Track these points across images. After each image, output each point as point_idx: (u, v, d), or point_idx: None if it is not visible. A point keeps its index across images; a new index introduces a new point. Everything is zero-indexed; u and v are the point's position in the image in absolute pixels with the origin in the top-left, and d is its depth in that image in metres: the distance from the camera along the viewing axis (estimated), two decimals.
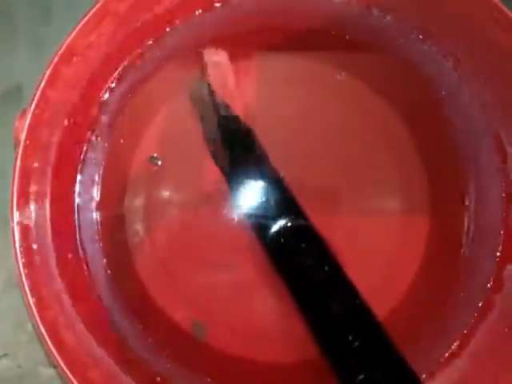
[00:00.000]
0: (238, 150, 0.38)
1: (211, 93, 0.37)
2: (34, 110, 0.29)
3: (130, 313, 0.36)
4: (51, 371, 0.45)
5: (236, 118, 0.38)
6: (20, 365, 0.45)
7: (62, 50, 0.29)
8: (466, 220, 0.37)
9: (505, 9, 0.29)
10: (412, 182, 0.38)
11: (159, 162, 0.36)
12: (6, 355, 0.45)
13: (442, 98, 0.38)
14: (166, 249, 0.37)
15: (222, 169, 0.37)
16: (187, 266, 0.37)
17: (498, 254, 0.36)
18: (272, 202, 0.36)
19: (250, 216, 0.36)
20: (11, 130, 0.45)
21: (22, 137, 0.28)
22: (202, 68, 0.38)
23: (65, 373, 0.28)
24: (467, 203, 0.37)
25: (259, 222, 0.36)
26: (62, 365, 0.28)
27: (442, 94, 0.38)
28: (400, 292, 0.36)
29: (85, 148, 0.36)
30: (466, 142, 0.37)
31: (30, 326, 0.45)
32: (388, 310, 0.36)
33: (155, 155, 0.37)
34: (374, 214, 0.38)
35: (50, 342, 0.28)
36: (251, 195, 0.37)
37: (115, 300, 0.36)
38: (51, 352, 0.28)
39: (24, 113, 0.30)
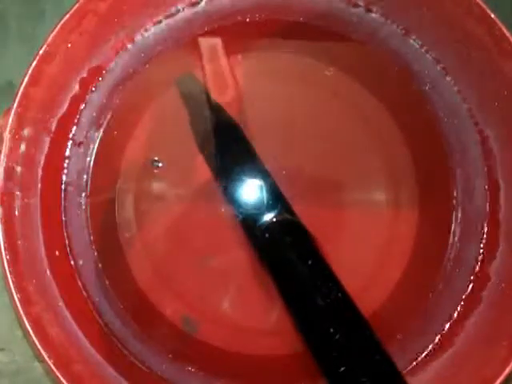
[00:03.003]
0: (225, 145, 0.38)
1: (197, 85, 0.38)
2: (17, 108, 0.29)
3: (120, 308, 0.36)
4: (45, 366, 0.46)
5: (222, 112, 0.38)
6: (15, 360, 0.46)
7: (43, 48, 0.29)
8: (453, 213, 0.37)
9: (482, 4, 0.30)
10: (400, 175, 0.38)
11: (160, 164, 0.37)
12: (1, 350, 0.46)
13: (426, 90, 0.38)
14: (156, 245, 0.37)
15: (210, 164, 0.37)
16: (178, 261, 0.37)
17: (483, 246, 0.36)
18: (259, 197, 0.36)
19: (238, 211, 0.36)
20: None
21: (6, 134, 0.29)
22: (193, 60, 0.38)
23: (49, 366, 0.28)
24: (454, 195, 0.37)
25: (247, 217, 0.36)
26: (46, 358, 0.28)
27: (427, 87, 0.38)
28: (388, 286, 0.37)
29: (70, 145, 0.36)
30: (451, 134, 0.38)
31: None
32: (377, 303, 0.36)
33: (156, 158, 0.37)
34: (362, 208, 0.38)
35: (34, 337, 0.28)
36: (239, 191, 0.37)
37: (105, 295, 0.36)
38: (35, 346, 0.29)
39: (8, 111, 0.30)
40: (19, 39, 0.49)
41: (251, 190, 0.37)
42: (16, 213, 0.30)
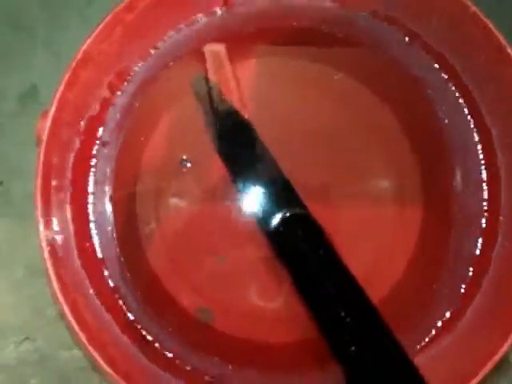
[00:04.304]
0: (239, 144, 0.40)
1: (210, 87, 0.40)
2: (54, 111, 0.32)
3: (141, 298, 0.39)
4: (69, 354, 0.48)
5: (235, 113, 0.40)
6: (39, 348, 0.48)
7: (79, 56, 0.32)
8: (455, 207, 0.39)
9: (481, 15, 0.32)
10: (405, 173, 0.40)
11: (188, 165, 0.39)
12: (26, 339, 0.48)
13: (429, 93, 0.40)
14: (174, 239, 0.40)
15: (226, 163, 0.40)
16: (194, 255, 0.40)
17: (482, 237, 0.38)
18: (273, 194, 0.39)
19: (252, 207, 0.39)
20: (30, 128, 0.48)
21: (44, 136, 0.31)
22: (204, 65, 0.40)
23: (86, 347, 0.31)
24: (456, 191, 0.40)
25: (261, 213, 0.39)
26: (84, 340, 0.31)
27: (429, 90, 0.40)
28: (393, 277, 0.39)
29: (97, 145, 0.38)
30: (453, 133, 0.40)
31: (48, 312, 0.48)
32: (382, 292, 0.39)
33: (185, 157, 0.39)
34: (368, 202, 0.40)
35: (72, 320, 0.31)
36: (254, 188, 0.39)
37: (127, 286, 0.39)
38: (73, 329, 0.31)
39: (45, 114, 0.33)
40: (43, 46, 0.51)
41: (265, 187, 0.39)
42: (53, 208, 0.33)
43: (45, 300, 0.48)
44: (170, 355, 0.37)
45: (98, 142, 0.38)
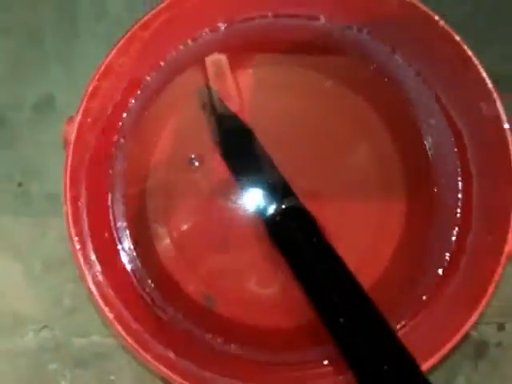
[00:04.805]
0: (239, 146, 0.44)
1: (211, 95, 0.43)
2: (81, 117, 0.36)
3: (151, 286, 0.43)
4: (84, 341, 0.52)
5: (235, 118, 0.44)
6: (56, 335, 0.52)
7: (102, 68, 0.36)
8: (435, 199, 0.44)
9: (448, 28, 0.37)
10: (389, 169, 0.45)
11: (196, 163, 0.43)
12: (45, 327, 0.52)
13: (410, 98, 0.45)
14: (181, 232, 0.44)
15: (227, 163, 0.44)
16: (200, 247, 0.44)
17: (459, 227, 0.43)
18: (270, 190, 0.43)
19: (253, 202, 0.43)
20: (47, 134, 0.53)
21: (72, 138, 0.36)
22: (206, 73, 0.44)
23: (111, 322, 0.35)
24: (436, 185, 0.44)
25: (260, 206, 0.43)
26: (108, 314, 0.35)
27: (410, 95, 0.45)
28: (381, 262, 0.43)
29: (113, 148, 0.43)
30: (432, 133, 0.44)
31: (65, 302, 0.52)
32: (372, 277, 0.43)
33: (193, 156, 0.43)
34: (356, 195, 0.44)
35: (98, 297, 0.35)
36: (254, 185, 0.43)
37: (140, 275, 0.43)
38: (99, 305, 0.35)
39: (71, 119, 0.37)
40: (56, 56, 0.55)
41: (264, 184, 0.43)
42: (80, 201, 0.38)
43: (61, 292, 0.52)
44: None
45: (113, 144, 0.43)
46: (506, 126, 0.38)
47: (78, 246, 0.35)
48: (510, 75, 0.54)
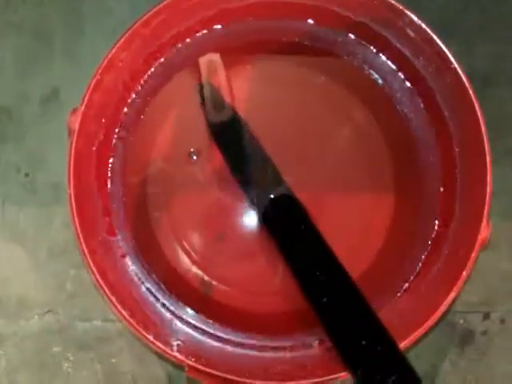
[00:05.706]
0: (232, 137, 0.46)
1: (205, 90, 0.45)
2: (84, 108, 0.39)
3: (151, 273, 0.45)
4: (87, 324, 0.54)
5: (228, 111, 0.45)
6: (60, 319, 0.54)
7: (104, 63, 0.39)
8: (421, 193, 0.46)
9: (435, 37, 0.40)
10: (379, 165, 0.47)
11: (194, 157, 0.45)
12: (49, 311, 0.54)
13: (396, 94, 0.47)
14: (180, 222, 0.45)
15: (222, 153, 0.45)
16: (197, 236, 0.45)
17: (438, 217, 0.45)
18: (262, 179, 0.45)
19: (247, 191, 0.45)
20: (53, 127, 0.55)
21: (76, 127, 0.38)
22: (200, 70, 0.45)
23: (110, 300, 0.38)
24: (422, 179, 0.46)
25: (254, 195, 0.45)
26: (108, 292, 0.37)
27: (397, 92, 0.47)
28: (371, 251, 0.45)
29: (115, 138, 0.45)
30: (417, 128, 0.46)
31: (68, 287, 0.54)
32: (363, 263, 0.45)
33: (192, 150, 0.45)
34: (349, 188, 0.46)
35: (99, 278, 0.37)
36: (247, 175, 0.45)
37: (141, 263, 0.45)
38: (100, 285, 0.38)
39: (75, 110, 0.40)
40: (63, 53, 0.57)
41: (256, 174, 0.45)
42: (83, 187, 0.40)
43: (65, 278, 0.54)
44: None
45: (115, 135, 0.45)
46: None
47: (81, 233, 0.38)
48: (498, 72, 0.57)
